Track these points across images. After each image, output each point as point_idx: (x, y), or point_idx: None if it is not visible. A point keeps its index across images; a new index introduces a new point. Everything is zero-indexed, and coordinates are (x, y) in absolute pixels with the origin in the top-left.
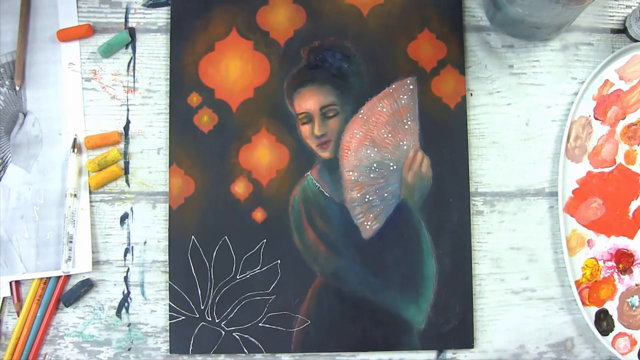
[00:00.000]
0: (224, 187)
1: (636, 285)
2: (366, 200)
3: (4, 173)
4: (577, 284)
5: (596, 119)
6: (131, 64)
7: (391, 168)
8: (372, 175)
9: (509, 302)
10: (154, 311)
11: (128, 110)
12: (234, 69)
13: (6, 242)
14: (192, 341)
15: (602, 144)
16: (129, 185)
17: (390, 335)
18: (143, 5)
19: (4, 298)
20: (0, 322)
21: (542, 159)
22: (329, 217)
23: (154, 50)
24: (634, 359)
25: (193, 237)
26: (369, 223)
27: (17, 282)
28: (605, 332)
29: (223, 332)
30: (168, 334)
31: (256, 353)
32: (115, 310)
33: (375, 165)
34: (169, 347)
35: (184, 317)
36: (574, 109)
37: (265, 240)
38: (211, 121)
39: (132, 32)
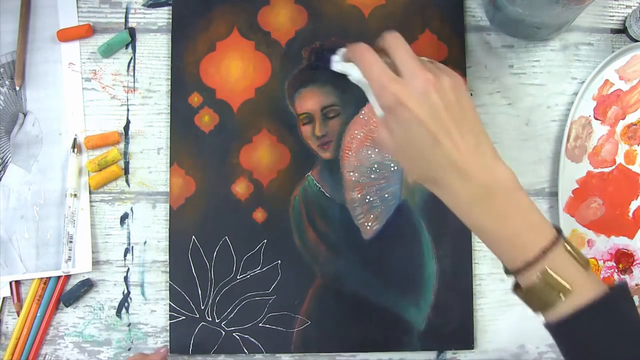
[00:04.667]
0: (224, 187)
1: (636, 285)
2: (367, 200)
3: (4, 173)
4: None
5: (596, 119)
6: (131, 64)
7: (392, 169)
8: (372, 176)
9: (509, 302)
10: (154, 311)
11: (128, 110)
12: (235, 69)
13: (6, 242)
14: (192, 341)
15: (602, 144)
16: (129, 185)
17: (391, 336)
18: (143, 5)
19: (4, 298)
20: (0, 322)
21: (542, 159)
22: (329, 217)
23: (154, 50)
24: None
25: (193, 237)
26: (370, 224)
27: (17, 282)
28: None
29: (223, 332)
30: (168, 334)
31: (256, 353)
32: (115, 310)
33: (376, 165)
34: (169, 347)
35: (184, 317)
36: (574, 109)
37: (265, 241)
38: (212, 121)
39: (132, 32)
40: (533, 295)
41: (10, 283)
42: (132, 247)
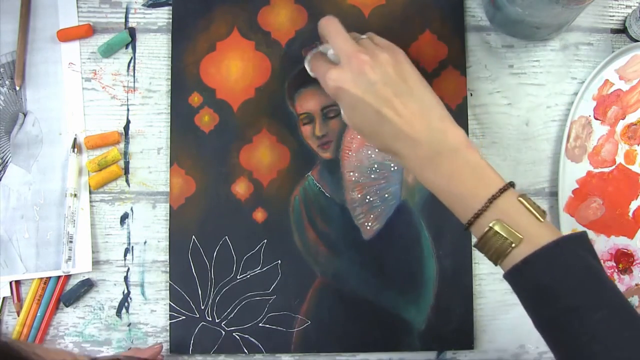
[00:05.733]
0: (224, 187)
1: (636, 285)
2: (367, 200)
3: (4, 173)
4: None
5: (596, 119)
6: (131, 64)
7: (392, 169)
8: (372, 176)
9: (509, 302)
10: (154, 311)
11: (128, 110)
12: (235, 69)
13: (6, 242)
14: (192, 341)
15: (602, 144)
16: (129, 185)
17: (391, 336)
18: (143, 5)
19: (4, 298)
20: (0, 322)
21: (542, 159)
22: (329, 217)
23: (154, 50)
24: None
25: (194, 237)
26: (370, 224)
27: (17, 282)
28: None
29: (223, 332)
30: (168, 334)
31: (256, 353)
32: (115, 310)
33: (376, 166)
34: (169, 347)
35: (184, 317)
36: (574, 109)
37: (265, 241)
38: (212, 121)
39: (132, 32)
40: (486, 246)
41: (10, 283)
42: (132, 247)
